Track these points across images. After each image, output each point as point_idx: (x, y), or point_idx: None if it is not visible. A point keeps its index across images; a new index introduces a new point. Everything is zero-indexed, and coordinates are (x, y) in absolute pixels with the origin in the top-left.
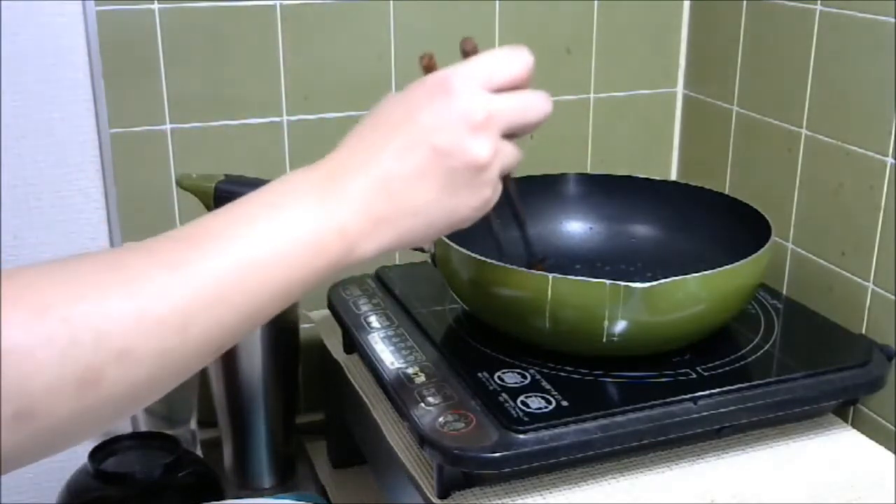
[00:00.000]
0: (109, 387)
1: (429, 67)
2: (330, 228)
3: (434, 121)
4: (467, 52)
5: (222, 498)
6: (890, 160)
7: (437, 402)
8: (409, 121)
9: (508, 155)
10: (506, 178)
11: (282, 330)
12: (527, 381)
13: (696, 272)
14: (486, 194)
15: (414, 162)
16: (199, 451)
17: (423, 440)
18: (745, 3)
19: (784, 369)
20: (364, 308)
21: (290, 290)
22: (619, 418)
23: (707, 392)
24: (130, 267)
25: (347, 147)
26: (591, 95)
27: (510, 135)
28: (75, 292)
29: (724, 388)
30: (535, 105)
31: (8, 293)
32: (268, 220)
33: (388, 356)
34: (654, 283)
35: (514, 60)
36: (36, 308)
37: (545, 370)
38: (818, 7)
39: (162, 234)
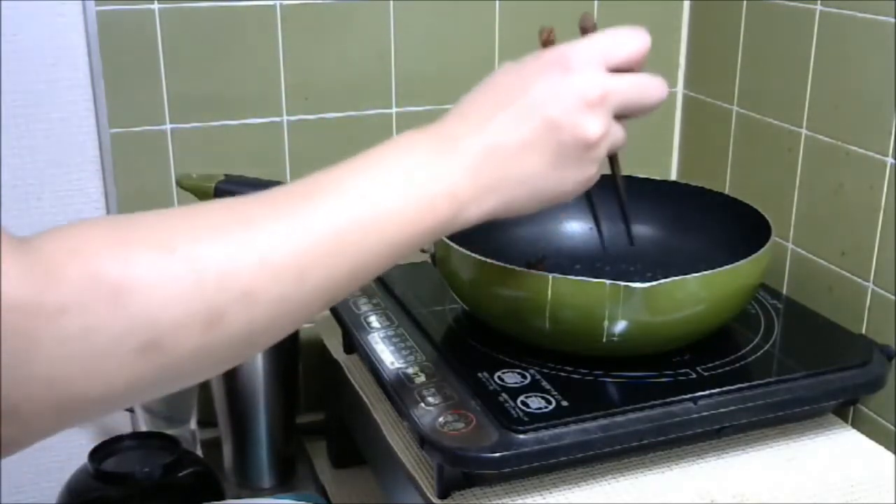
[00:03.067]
0: (230, 327)
1: (547, 42)
2: (441, 190)
3: (549, 94)
4: (586, 29)
5: (222, 498)
6: (890, 160)
7: (437, 402)
8: (524, 91)
9: (617, 135)
10: (612, 158)
11: None
12: (527, 381)
13: (696, 272)
14: (591, 171)
15: (525, 132)
16: (199, 451)
17: (423, 440)
18: (745, 3)
19: (784, 369)
20: (364, 308)
21: (400, 246)
22: (619, 418)
23: (707, 392)
24: (251, 215)
25: (459, 113)
26: None
27: (620, 115)
28: (198, 235)
29: (724, 388)
30: (650, 88)
31: (131, 234)
32: (382, 178)
33: (388, 356)
34: (654, 283)
35: (632, 40)
36: (161, 248)
37: (545, 370)
38: (818, 7)
39: (276, 188)
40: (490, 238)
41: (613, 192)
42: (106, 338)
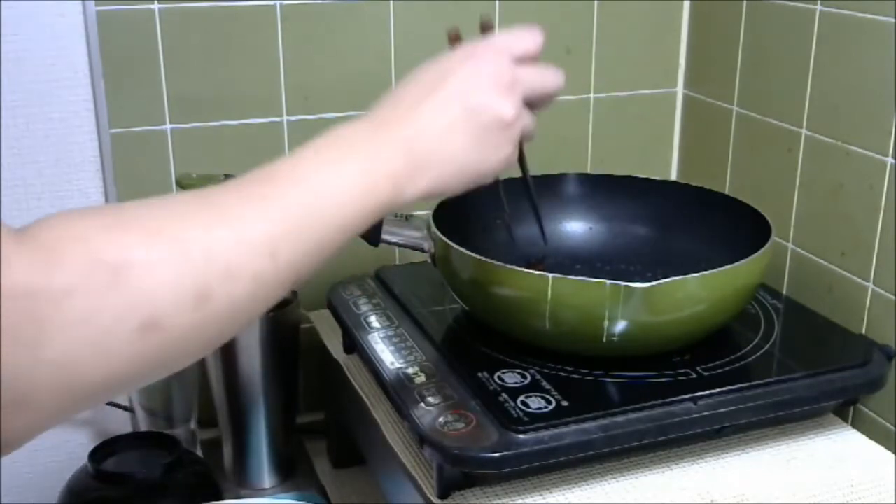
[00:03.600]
0: (217, 304)
1: (455, 40)
2: (380, 171)
3: (466, 83)
4: (486, 28)
5: (222, 498)
6: (890, 160)
7: (437, 402)
8: (444, 82)
9: (528, 119)
10: (520, 156)
11: (282, 330)
12: (527, 381)
13: (696, 272)
14: (508, 150)
15: (448, 117)
16: (199, 451)
17: (423, 440)
18: (745, 3)
19: (784, 369)
20: (364, 308)
21: (353, 224)
22: (619, 418)
23: (707, 392)
24: (223, 201)
25: (388, 105)
26: (591, 95)
27: (528, 104)
28: (180, 219)
29: (724, 388)
30: (551, 76)
31: (120, 221)
32: (331, 164)
33: (388, 356)
34: (654, 283)
35: (528, 35)
36: (148, 231)
37: (545, 370)
38: (818, 7)
39: (239, 178)
40: (490, 238)
41: (528, 191)
42: (108, 319)
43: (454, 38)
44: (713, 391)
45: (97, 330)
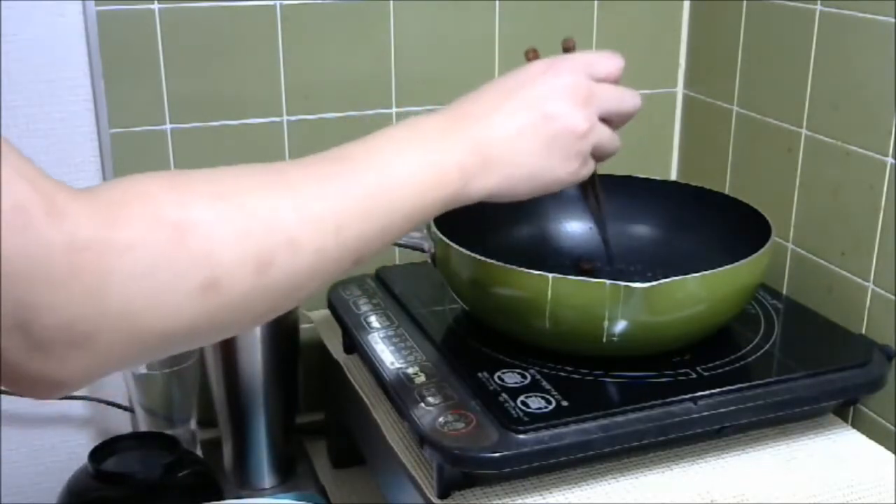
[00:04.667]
0: (278, 272)
1: (534, 58)
2: (450, 162)
3: (543, 91)
4: (568, 49)
5: (222, 498)
6: (890, 160)
7: (437, 402)
8: (522, 89)
9: (605, 135)
10: (593, 178)
11: (282, 330)
12: (527, 381)
13: (696, 272)
14: (577, 163)
15: (523, 121)
16: (199, 451)
17: (423, 440)
18: (745, 3)
19: (784, 369)
20: (364, 308)
21: (418, 211)
22: (619, 418)
23: (707, 392)
24: (289, 176)
25: (468, 102)
26: None
27: (604, 120)
28: (245, 188)
29: (724, 388)
30: (629, 96)
31: (185, 184)
32: (402, 150)
33: (388, 356)
34: (654, 283)
35: (610, 59)
36: (212, 195)
37: (545, 370)
38: (818, 7)
39: (306, 157)
40: (490, 238)
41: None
42: (170, 274)
43: (532, 56)
44: (713, 391)
45: (158, 285)
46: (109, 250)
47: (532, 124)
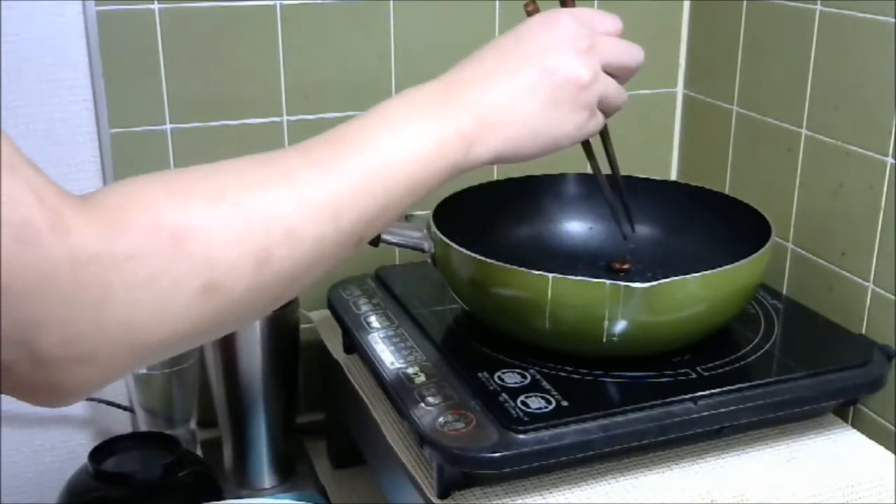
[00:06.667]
0: (278, 266)
1: (533, 11)
2: (449, 130)
3: (543, 45)
4: (565, 2)
5: (222, 498)
6: (890, 160)
7: (437, 402)
8: (520, 45)
9: (610, 86)
10: (604, 134)
11: (282, 330)
12: (527, 381)
13: (696, 272)
14: (584, 115)
15: (523, 78)
16: (199, 451)
17: (423, 440)
18: (745, 3)
19: (784, 369)
20: (364, 308)
21: (420, 184)
22: (619, 418)
23: (707, 392)
24: (287, 164)
25: (464, 67)
26: None
27: (608, 73)
28: (242, 183)
29: (724, 388)
30: (632, 49)
31: (183, 186)
32: (398, 124)
33: (388, 356)
34: (654, 283)
35: (610, 18)
36: (210, 196)
37: (545, 370)
38: (818, 7)
39: (306, 141)
40: (490, 238)
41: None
42: (170, 282)
43: (531, 10)
44: (713, 391)
45: (160, 293)
46: (111, 262)
47: (532, 80)
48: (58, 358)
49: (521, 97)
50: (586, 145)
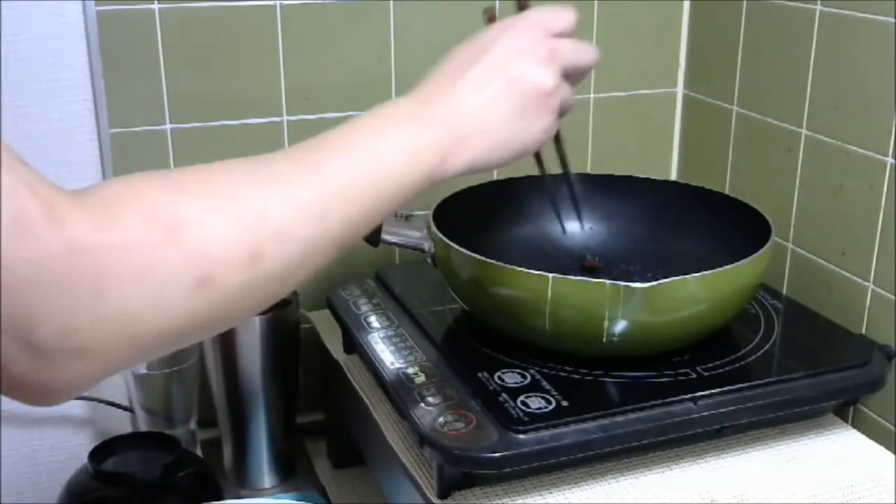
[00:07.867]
0: (269, 263)
1: (491, 19)
2: (424, 142)
3: (505, 55)
4: (522, 6)
5: (222, 498)
6: (890, 160)
7: (437, 402)
8: (483, 55)
9: (567, 91)
10: (557, 137)
11: (282, 330)
12: (527, 381)
13: (696, 272)
14: (549, 120)
15: (489, 90)
16: (199, 451)
17: (423, 440)
18: (745, 3)
19: (784, 369)
20: (364, 308)
21: (399, 193)
22: (619, 418)
23: (707, 392)
24: (275, 168)
25: (432, 80)
26: (591, 95)
27: (565, 76)
28: (234, 182)
29: (724, 388)
30: (587, 49)
31: (177, 183)
32: (376, 135)
33: (388, 356)
34: (654, 283)
35: (563, 14)
36: (203, 191)
37: (545, 370)
38: (818, 7)
39: (290, 148)
40: (490, 238)
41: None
42: (165, 274)
43: (490, 17)
44: (713, 391)
45: (154, 285)
46: (107, 253)
47: (499, 90)
48: (54, 349)
49: (489, 108)
50: (537, 154)
